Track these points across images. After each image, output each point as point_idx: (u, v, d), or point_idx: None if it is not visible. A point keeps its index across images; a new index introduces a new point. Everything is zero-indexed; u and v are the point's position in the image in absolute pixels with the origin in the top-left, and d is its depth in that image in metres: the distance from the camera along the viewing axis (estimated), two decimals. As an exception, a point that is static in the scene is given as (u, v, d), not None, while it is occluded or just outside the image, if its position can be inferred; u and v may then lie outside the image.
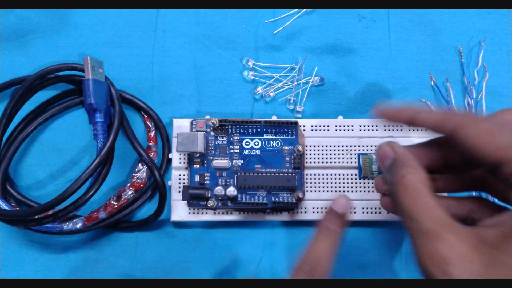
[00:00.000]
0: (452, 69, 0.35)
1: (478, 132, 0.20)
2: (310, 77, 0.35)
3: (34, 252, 0.33)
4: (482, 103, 0.34)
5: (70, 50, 0.35)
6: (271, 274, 0.32)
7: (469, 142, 0.20)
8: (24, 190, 0.33)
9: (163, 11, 0.36)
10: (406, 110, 0.23)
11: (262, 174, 0.31)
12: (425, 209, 0.19)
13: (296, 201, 0.31)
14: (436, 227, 0.19)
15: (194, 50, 0.35)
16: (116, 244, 0.33)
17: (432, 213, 0.19)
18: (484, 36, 0.35)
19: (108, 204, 0.31)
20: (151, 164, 0.30)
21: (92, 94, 0.31)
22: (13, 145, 0.32)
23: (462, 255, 0.18)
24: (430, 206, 0.19)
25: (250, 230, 0.33)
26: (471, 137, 0.20)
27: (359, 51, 0.35)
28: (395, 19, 0.36)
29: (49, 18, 0.36)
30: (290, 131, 0.32)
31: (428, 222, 0.19)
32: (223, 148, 0.32)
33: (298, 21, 0.36)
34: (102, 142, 0.31)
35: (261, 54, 0.35)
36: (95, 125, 0.31)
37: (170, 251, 0.33)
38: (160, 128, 0.34)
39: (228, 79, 0.35)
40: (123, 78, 0.35)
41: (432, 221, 0.19)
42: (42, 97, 0.34)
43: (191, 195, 0.31)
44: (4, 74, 0.35)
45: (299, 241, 0.33)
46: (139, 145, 0.31)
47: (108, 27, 0.36)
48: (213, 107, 0.35)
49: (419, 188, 0.20)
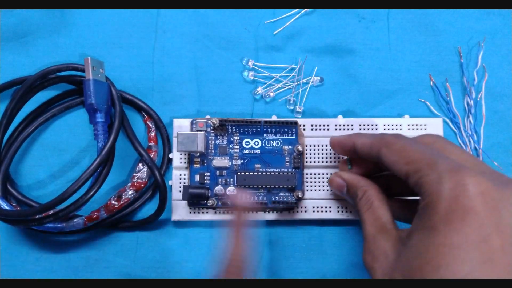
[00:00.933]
0: (452, 70, 0.35)
1: (393, 150, 0.24)
2: (310, 77, 0.35)
3: (35, 252, 0.33)
4: (481, 103, 0.34)
5: (70, 50, 0.35)
6: (271, 274, 0.32)
7: (387, 160, 0.24)
8: (25, 190, 0.33)
9: (164, 11, 0.36)
10: (348, 141, 0.28)
11: (262, 174, 0.31)
12: (371, 218, 0.25)
13: (296, 201, 0.31)
14: (374, 231, 0.24)
15: (195, 50, 0.35)
16: (116, 244, 0.33)
17: (375, 221, 0.24)
18: (484, 36, 0.35)
19: (108, 204, 0.31)
20: (152, 164, 0.31)
21: (92, 94, 0.31)
22: (14, 145, 0.32)
23: (385, 252, 0.23)
24: (376, 215, 0.25)
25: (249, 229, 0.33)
26: (388, 156, 0.24)
27: (359, 51, 0.35)
28: (395, 20, 0.36)
29: (50, 18, 0.36)
30: (290, 131, 0.32)
31: (370, 227, 0.24)
32: (223, 147, 0.32)
33: (298, 22, 0.36)
34: (102, 142, 0.31)
35: (261, 54, 0.35)
36: (95, 125, 0.32)
37: (170, 251, 0.33)
38: (161, 128, 0.34)
39: (228, 79, 0.35)
40: (124, 78, 0.35)
41: (373, 226, 0.24)
42: (42, 97, 0.34)
43: (191, 194, 0.31)
44: (5, 74, 0.35)
45: (299, 240, 0.33)
46: (139, 145, 0.31)
47: (109, 27, 0.36)
48: (213, 107, 0.35)
49: (371, 201, 0.25)
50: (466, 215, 0.19)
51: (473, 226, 0.19)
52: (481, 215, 0.19)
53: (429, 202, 0.21)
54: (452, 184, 0.20)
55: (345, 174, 0.28)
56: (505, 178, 0.22)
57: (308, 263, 0.33)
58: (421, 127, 0.33)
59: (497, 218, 0.19)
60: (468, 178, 0.20)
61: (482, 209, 0.19)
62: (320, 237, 0.33)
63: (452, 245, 0.19)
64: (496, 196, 0.20)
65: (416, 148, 0.23)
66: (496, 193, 0.20)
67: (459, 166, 0.21)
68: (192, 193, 0.31)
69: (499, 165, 0.33)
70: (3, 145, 0.32)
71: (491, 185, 0.20)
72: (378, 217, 0.25)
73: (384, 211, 0.25)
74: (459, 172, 0.21)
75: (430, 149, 0.23)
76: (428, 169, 0.22)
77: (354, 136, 0.28)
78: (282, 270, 0.32)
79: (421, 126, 0.33)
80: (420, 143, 0.24)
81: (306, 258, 0.33)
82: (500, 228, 0.19)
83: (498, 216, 0.19)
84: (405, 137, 0.25)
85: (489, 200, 0.20)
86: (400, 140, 0.24)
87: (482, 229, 0.19)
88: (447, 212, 0.20)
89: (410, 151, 0.23)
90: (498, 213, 0.20)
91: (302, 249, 0.33)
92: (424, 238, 0.20)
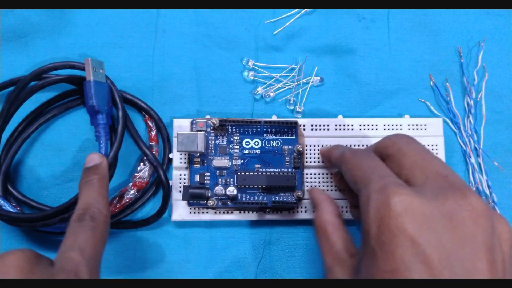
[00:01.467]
0: (452, 70, 0.35)
1: (347, 169, 0.25)
2: (310, 77, 0.35)
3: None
4: (481, 103, 0.34)
5: (70, 50, 0.35)
6: (271, 274, 0.32)
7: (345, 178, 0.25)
8: (25, 190, 0.33)
9: (164, 11, 0.36)
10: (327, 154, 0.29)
11: (262, 174, 0.31)
12: (326, 246, 0.25)
13: (296, 201, 0.31)
14: (331, 263, 0.24)
15: (195, 50, 0.35)
16: (117, 244, 0.33)
17: (330, 250, 0.24)
18: (484, 36, 0.35)
19: (110, 204, 0.31)
20: (156, 163, 0.31)
21: (93, 95, 0.30)
22: (14, 146, 0.32)
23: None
24: (330, 243, 0.25)
25: (250, 229, 0.33)
26: (345, 174, 0.25)
27: (359, 51, 0.35)
28: (395, 20, 0.36)
29: (50, 18, 0.36)
30: (290, 131, 0.32)
31: (327, 258, 0.24)
32: (223, 147, 0.32)
33: (298, 22, 0.36)
34: (104, 144, 0.31)
35: (261, 54, 0.35)
36: (97, 127, 0.31)
37: (170, 251, 0.33)
38: (161, 128, 0.34)
39: (228, 79, 0.35)
40: (124, 78, 0.35)
41: (329, 257, 0.24)
42: (43, 98, 0.34)
43: (191, 194, 0.31)
44: (5, 75, 0.35)
45: (299, 240, 0.33)
46: (144, 144, 0.31)
47: (109, 27, 0.36)
48: (214, 107, 0.35)
49: (324, 227, 0.25)
50: (395, 236, 0.19)
51: (405, 246, 0.19)
52: (410, 233, 0.19)
53: (364, 225, 0.21)
54: (377, 204, 0.20)
55: (314, 191, 0.29)
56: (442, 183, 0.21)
57: (308, 263, 0.33)
58: (421, 127, 0.33)
59: (430, 234, 0.19)
60: (392, 197, 0.19)
61: (411, 226, 0.19)
62: (320, 237, 0.33)
63: (392, 270, 0.19)
64: (426, 210, 0.19)
65: (362, 166, 0.23)
66: (425, 207, 0.19)
67: (385, 184, 0.20)
68: (192, 193, 0.31)
69: (499, 165, 0.33)
70: (3, 145, 0.32)
71: (417, 200, 0.19)
72: (333, 245, 0.24)
73: (337, 238, 0.25)
74: (384, 191, 0.20)
75: (373, 166, 0.23)
76: (362, 189, 0.22)
77: (332, 148, 0.29)
78: (282, 270, 0.32)
79: (421, 126, 0.33)
80: (371, 158, 0.24)
81: (306, 258, 0.33)
82: (433, 243, 0.18)
83: (429, 231, 0.19)
84: (362, 152, 0.25)
85: (418, 215, 0.19)
86: (354, 157, 0.25)
87: (415, 247, 0.18)
88: (378, 234, 0.19)
89: (357, 170, 0.24)
90: (429, 227, 0.19)
91: (302, 249, 0.33)
92: (369, 265, 0.20)
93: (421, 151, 0.23)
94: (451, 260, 0.18)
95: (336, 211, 0.26)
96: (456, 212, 0.19)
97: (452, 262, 0.18)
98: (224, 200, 0.32)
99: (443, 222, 0.19)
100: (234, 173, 0.32)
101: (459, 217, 0.19)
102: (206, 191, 0.31)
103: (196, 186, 0.31)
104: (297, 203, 0.31)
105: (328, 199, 0.27)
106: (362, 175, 0.23)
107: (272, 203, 0.31)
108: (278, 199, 0.31)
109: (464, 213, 0.19)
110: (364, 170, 0.23)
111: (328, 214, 0.26)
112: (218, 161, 0.32)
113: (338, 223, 0.26)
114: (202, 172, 0.32)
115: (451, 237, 0.19)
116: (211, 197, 0.32)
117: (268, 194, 0.31)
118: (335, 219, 0.26)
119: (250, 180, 0.31)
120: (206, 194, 0.31)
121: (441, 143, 0.33)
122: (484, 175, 0.33)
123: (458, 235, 0.19)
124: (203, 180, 0.32)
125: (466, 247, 0.19)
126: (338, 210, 0.27)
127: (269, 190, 0.31)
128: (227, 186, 0.32)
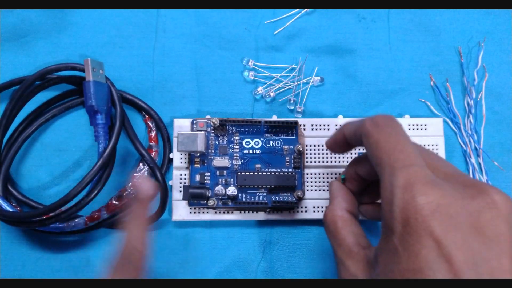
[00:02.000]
0: (452, 70, 0.35)
1: (369, 144, 0.22)
2: (310, 78, 0.35)
3: (35, 252, 0.33)
4: (481, 103, 0.34)
5: (70, 50, 0.35)
6: (271, 274, 0.32)
7: (367, 152, 0.23)
8: (25, 190, 0.33)
9: (164, 11, 0.36)
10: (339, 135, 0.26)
11: (262, 174, 0.31)
12: (337, 241, 0.24)
13: (296, 201, 0.31)
14: (342, 257, 0.23)
15: (195, 50, 0.35)
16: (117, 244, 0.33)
17: (341, 244, 0.24)
18: (484, 36, 0.35)
19: (109, 204, 0.31)
20: (153, 165, 0.31)
21: (93, 96, 0.31)
22: (14, 146, 0.32)
23: (353, 276, 0.23)
24: (340, 237, 0.24)
25: (250, 229, 0.33)
26: (367, 148, 0.23)
27: (359, 51, 0.35)
28: (395, 20, 0.36)
29: (50, 18, 0.36)
30: (290, 131, 0.32)
31: (338, 252, 0.24)
32: (224, 147, 0.32)
33: (298, 22, 0.36)
34: (103, 144, 0.31)
35: (261, 54, 0.35)
36: (96, 127, 0.31)
37: (170, 251, 0.33)
38: (161, 128, 0.34)
39: (229, 79, 0.35)
40: (124, 78, 0.35)
41: (340, 251, 0.24)
42: (43, 98, 0.34)
43: (192, 194, 0.31)
44: (5, 74, 0.35)
45: (299, 240, 0.33)
46: (141, 145, 0.31)
47: (109, 27, 0.36)
48: (214, 107, 0.35)
49: (334, 222, 0.25)
50: (421, 238, 0.18)
51: (430, 247, 0.18)
52: (437, 235, 0.18)
53: (387, 221, 0.20)
54: (403, 204, 0.19)
55: (333, 184, 0.27)
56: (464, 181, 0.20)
57: (308, 263, 0.33)
58: (421, 127, 0.33)
59: (455, 234, 0.18)
60: (419, 198, 0.19)
61: (437, 229, 0.18)
62: (320, 237, 0.33)
63: (415, 270, 0.18)
64: (452, 211, 0.19)
65: (386, 146, 0.21)
66: (452, 208, 0.19)
67: (411, 180, 0.20)
68: (192, 193, 0.31)
69: (499, 165, 0.33)
70: (3, 146, 0.32)
71: (444, 201, 0.19)
72: (343, 239, 0.24)
73: (347, 233, 0.24)
74: (409, 190, 0.19)
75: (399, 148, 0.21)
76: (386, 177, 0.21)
77: (343, 127, 0.26)
78: (282, 270, 0.32)
79: (422, 126, 0.33)
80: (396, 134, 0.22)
81: (306, 258, 0.33)
82: (459, 243, 0.18)
83: (455, 231, 0.18)
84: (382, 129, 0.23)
85: (445, 217, 0.19)
86: (376, 133, 0.22)
87: (440, 248, 0.18)
88: (403, 234, 0.19)
89: (380, 149, 0.22)
90: (455, 228, 0.18)
91: (302, 249, 0.33)
92: (389, 262, 0.20)
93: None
94: (476, 260, 0.18)
95: (350, 207, 0.26)
96: (483, 212, 0.19)
97: (478, 262, 0.18)
98: (224, 200, 0.32)
99: (470, 221, 0.19)
100: (234, 173, 0.32)
101: (486, 217, 0.19)
102: (206, 191, 0.31)
103: (196, 186, 0.31)
104: (297, 203, 0.31)
105: (342, 195, 0.26)
106: (386, 159, 0.21)
107: (272, 203, 0.31)
108: (279, 199, 0.31)
109: (491, 212, 0.19)
110: (388, 152, 0.21)
111: (339, 210, 0.25)
112: (219, 161, 0.32)
113: (349, 218, 0.25)
114: (203, 172, 0.32)
115: (477, 238, 0.19)
116: (211, 197, 0.32)
117: (269, 194, 0.31)
118: (346, 214, 0.25)
119: (250, 180, 0.31)
120: (206, 194, 0.31)
121: (441, 143, 0.33)
122: (484, 175, 0.33)
123: (484, 235, 0.19)
124: (204, 180, 0.32)
125: (492, 247, 0.18)
126: (354, 205, 0.26)
127: (269, 190, 0.31)
128: (228, 186, 0.32)
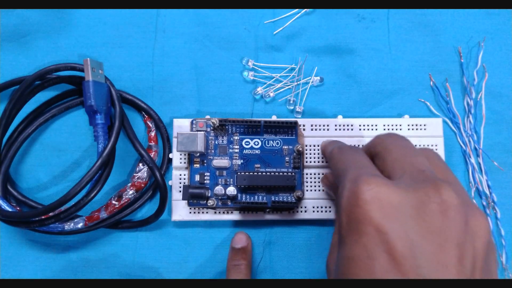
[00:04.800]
0: (452, 70, 0.35)
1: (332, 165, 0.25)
2: (310, 78, 0.35)
3: (35, 252, 0.33)
4: (481, 103, 0.34)
5: (70, 50, 0.35)
6: (271, 274, 0.32)
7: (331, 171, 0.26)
8: (25, 190, 0.33)
9: (163, 11, 0.36)
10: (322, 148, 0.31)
11: (262, 174, 0.31)
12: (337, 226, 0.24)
13: (296, 201, 0.31)
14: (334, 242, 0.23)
15: (194, 50, 0.35)
16: (116, 244, 0.33)
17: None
18: (484, 36, 0.35)
19: (109, 204, 0.31)
20: (152, 165, 0.31)
21: (92, 96, 0.31)
22: (14, 146, 0.32)
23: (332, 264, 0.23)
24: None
25: (250, 229, 0.33)
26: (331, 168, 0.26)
27: (358, 51, 0.35)
28: (395, 20, 0.36)
29: (50, 18, 0.36)
30: (290, 131, 0.32)
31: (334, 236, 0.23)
32: (223, 147, 0.32)
33: (298, 22, 0.36)
34: (103, 144, 0.31)
35: (261, 54, 0.35)
36: (95, 127, 0.31)
37: (170, 251, 0.33)
38: (161, 128, 0.34)
39: (228, 79, 0.35)
40: (124, 78, 0.35)
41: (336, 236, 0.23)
42: (42, 98, 0.34)
43: (191, 194, 0.31)
44: (5, 74, 0.35)
45: (299, 240, 0.33)
46: (140, 145, 0.31)
47: (109, 27, 0.36)
48: (213, 107, 0.35)
49: None
50: (361, 224, 0.19)
51: (370, 235, 0.19)
52: (376, 222, 0.19)
53: (337, 215, 0.21)
54: (349, 193, 0.20)
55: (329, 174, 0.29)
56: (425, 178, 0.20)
57: (308, 263, 0.33)
58: (421, 127, 0.33)
59: (396, 223, 0.18)
60: (362, 186, 0.20)
61: (377, 215, 0.19)
62: (320, 237, 0.33)
63: (354, 258, 0.19)
64: (394, 200, 0.19)
65: (345, 160, 0.24)
66: (393, 197, 0.19)
67: (359, 174, 0.21)
68: (192, 193, 0.31)
69: (499, 165, 0.33)
70: (3, 146, 0.32)
71: (386, 189, 0.19)
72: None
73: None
74: (356, 181, 0.20)
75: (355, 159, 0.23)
76: (340, 181, 0.22)
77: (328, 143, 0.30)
78: (282, 270, 0.32)
79: (421, 126, 0.33)
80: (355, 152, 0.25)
81: (306, 258, 0.33)
82: (398, 233, 0.18)
83: (395, 221, 0.19)
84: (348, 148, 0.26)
85: (385, 204, 0.19)
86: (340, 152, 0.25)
87: (380, 236, 0.18)
88: (347, 223, 0.20)
89: (339, 163, 0.24)
90: (396, 217, 0.19)
91: (302, 249, 0.33)
92: (340, 250, 0.20)
93: (405, 147, 0.23)
94: (415, 251, 0.18)
95: None
96: (425, 204, 0.19)
97: (416, 253, 0.18)
98: (224, 200, 0.32)
99: (411, 213, 0.19)
100: (234, 173, 0.32)
101: (427, 209, 0.19)
102: (206, 191, 0.31)
103: (196, 186, 0.31)
104: (297, 203, 0.31)
105: None
106: (342, 168, 0.23)
107: (272, 203, 0.31)
108: (278, 199, 0.31)
109: (433, 205, 0.19)
110: (345, 163, 0.23)
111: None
112: (218, 161, 0.32)
113: None
114: (202, 172, 0.32)
115: (417, 229, 0.18)
116: (211, 197, 0.32)
117: (268, 194, 0.31)
118: None
119: (250, 180, 0.31)
120: (206, 194, 0.31)
121: (441, 143, 0.33)
122: (484, 175, 0.33)
123: (425, 227, 0.19)
124: (203, 180, 0.32)
125: (433, 240, 0.18)
126: None
127: (269, 190, 0.31)
128: (227, 186, 0.32)
